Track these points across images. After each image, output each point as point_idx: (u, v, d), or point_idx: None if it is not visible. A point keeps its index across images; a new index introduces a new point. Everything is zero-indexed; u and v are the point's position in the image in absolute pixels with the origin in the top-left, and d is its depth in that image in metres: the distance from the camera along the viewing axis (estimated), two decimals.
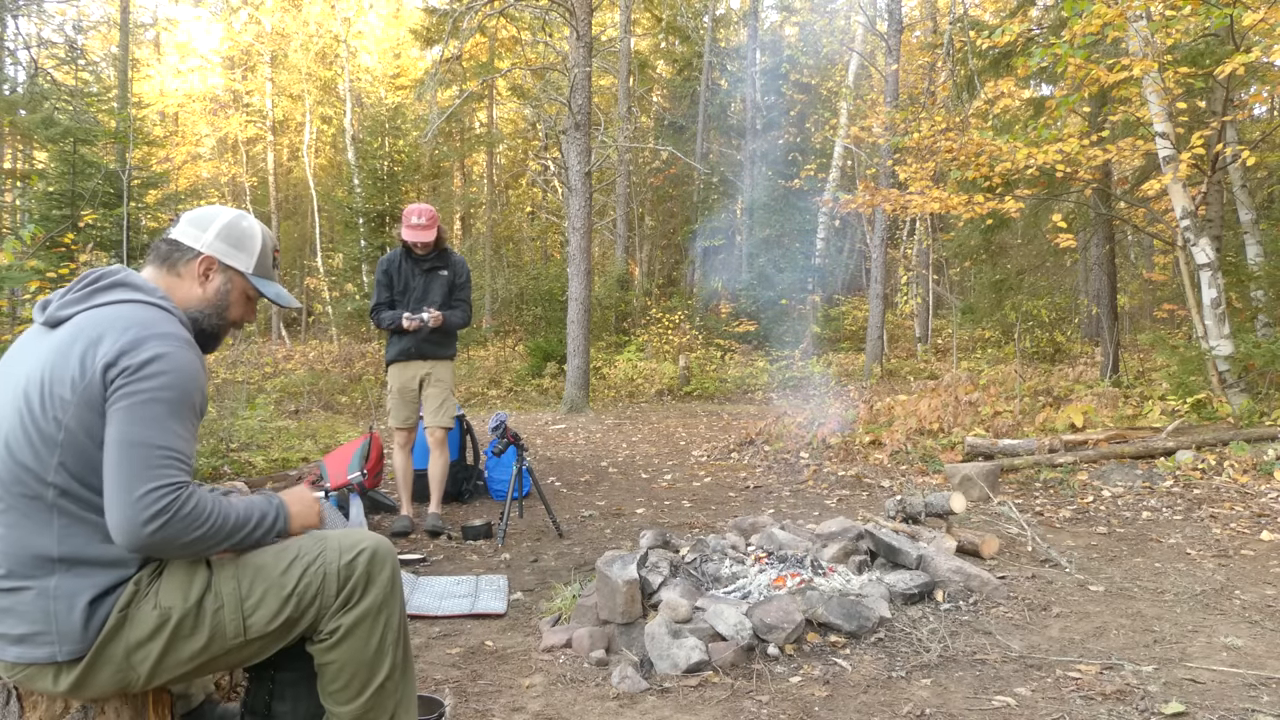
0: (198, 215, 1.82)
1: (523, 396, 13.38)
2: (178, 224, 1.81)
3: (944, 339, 16.82)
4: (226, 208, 1.88)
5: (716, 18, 20.67)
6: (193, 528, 1.51)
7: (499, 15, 15.25)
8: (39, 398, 1.52)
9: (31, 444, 1.51)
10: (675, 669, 2.61)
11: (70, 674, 1.54)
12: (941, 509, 3.93)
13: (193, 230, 1.79)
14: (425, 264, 4.65)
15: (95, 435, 1.51)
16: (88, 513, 1.53)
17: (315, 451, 6.88)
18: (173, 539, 1.49)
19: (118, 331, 1.54)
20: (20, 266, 5.09)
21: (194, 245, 1.78)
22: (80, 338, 1.54)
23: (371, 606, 1.71)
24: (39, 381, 1.53)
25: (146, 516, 1.46)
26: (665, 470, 6.74)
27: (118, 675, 1.57)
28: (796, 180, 18.42)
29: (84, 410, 1.50)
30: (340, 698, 1.73)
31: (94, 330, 1.55)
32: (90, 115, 11.22)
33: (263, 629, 1.64)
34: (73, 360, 1.52)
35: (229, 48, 24.91)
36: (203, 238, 1.79)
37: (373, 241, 20.19)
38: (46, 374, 1.53)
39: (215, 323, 1.82)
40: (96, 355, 1.51)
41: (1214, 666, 2.59)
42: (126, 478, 1.47)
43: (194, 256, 1.78)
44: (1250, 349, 6.89)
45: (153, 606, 1.57)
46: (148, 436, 1.49)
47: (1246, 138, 9.13)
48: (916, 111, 11.53)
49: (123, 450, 1.48)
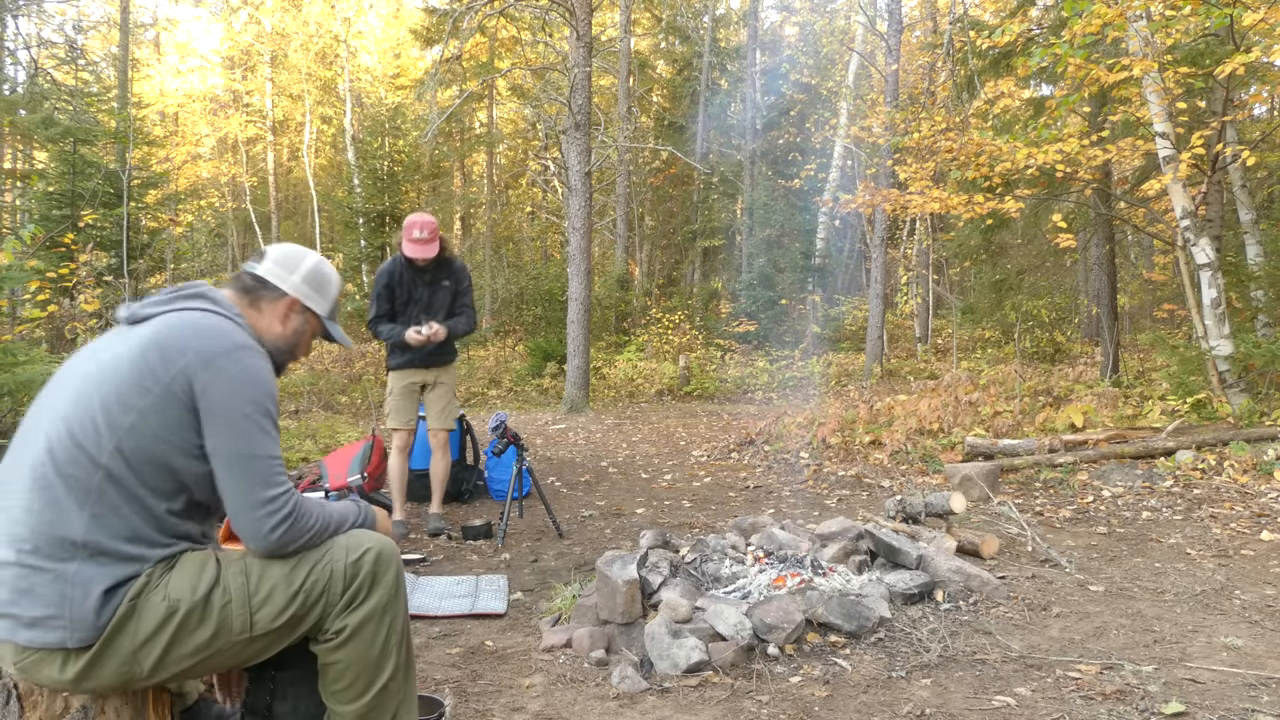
0: (285, 255, 1.91)
1: (523, 396, 13.39)
2: (263, 260, 1.89)
3: (944, 339, 16.81)
4: (310, 250, 1.96)
5: (716, 18, 20.66)
6: (307, 529, 1.66)
7: (499, 15, 15.26)
8: (114, 385, 1.59)
9: (95, 426, 1.57)
10: (675, 669, 2.61)
11: (77, 662, 1.55)
12: (941, 509, 3.93)
13: (280, 270, 1.88)
14: (427, 275, 4.56)
15: (170, 429, 1.60)
16: (124, 503, 1.58)
17: (315, 451, 6.88)
18: (293, 539, 1.64)
19: (203, 337, 1.65)
20: (20, 266, 5.08)
21: (280, 285, 1.87)
22: (163, 335, 1.64)
23: (377, 607, 1.73)
24: (116, 370, 1.61)
25: (273, 523, 1.61)
26: (665, 470, 6.74)
27: (123, 668, 1.58)
28: (796, 180, 18.42)
29: (165, 402, 1.59)
30: (344, 697, 1.74)
31: (178, 331, 1.65)
32: (90, 115, 11.22)
33: (268, 625, 1.66)
34: (155, 355, 1.61)
35: (229, 48, 24.91)
36: (290, 279, 1.88)
37: (373, 241, 20.19)
38: (125, 365, 1.61)
39: (284, 358, 1.92)
40: (183, 355, 1.61)
41: (1214, 666, 2.59)
42: (246, 488, 1.61)
43: (279, 296, 1.87)
44: (1250, 349, 6.89)
45: (162, 598, 1.59)
46: (256, 448, 1.62)
47: (1246, 138, 9.13)
48: (916, 111, 11.52)
49: (238, 463, 1.61)
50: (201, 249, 16.41)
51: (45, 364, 4.95)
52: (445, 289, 4.63)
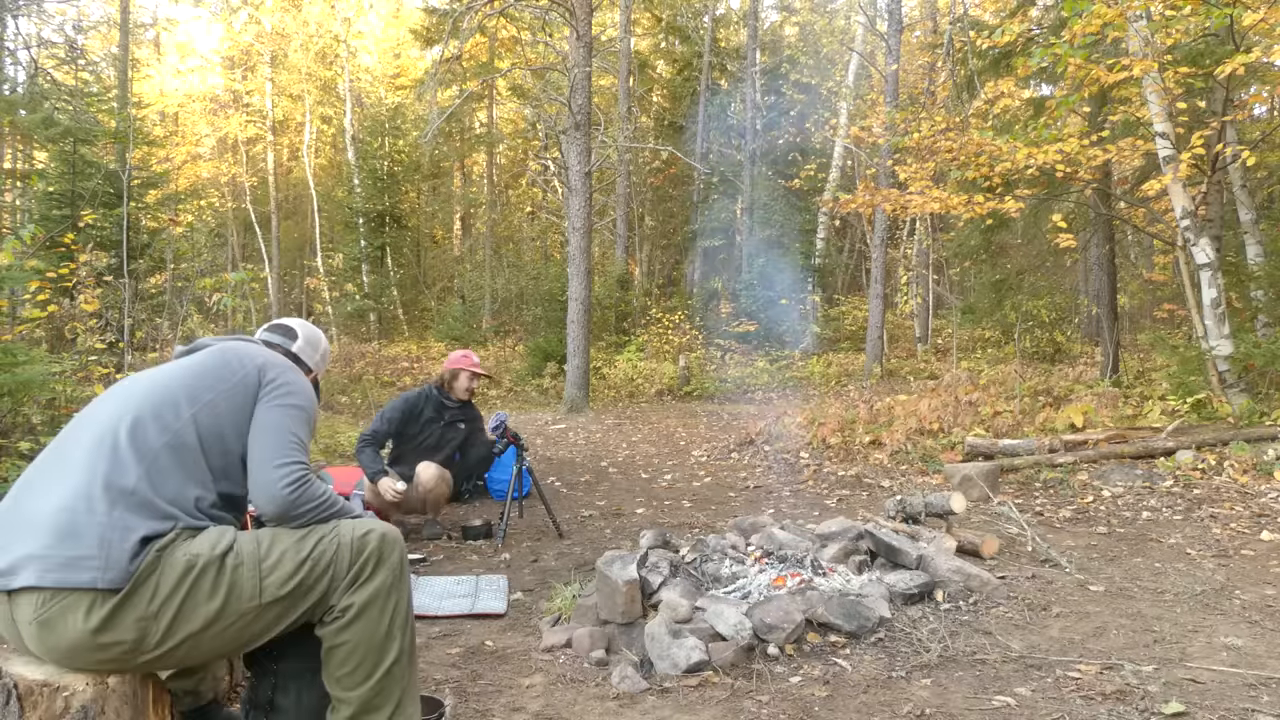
0: (311, 337, 2.36)
1: (523, 396, 13.39)
2: (296, 340, 2.31)
3: (944, 339, 16.79)
4: (314, 328, 2.41)
5: (716, 18, 20.64)
6: (315, 495, 1.83)
7: (499, 15, 15.26)
8: (198, 374, 1.92)
9: (175, 402, 1.83)
10: (675, 669, 2.61)
11: (103, 608, 1.60)
12: (941, 509, 3.93)
13: (309, 350, 2.34)
14: (449, 414, 4.66)
15: (236, 413, 1.87)
16: (177, 469, 1.76)
17: (315, 452, 6.88)
18: (303, 501, 1.80)
19: (267, 353, 2.05)
20: (20, 266, 5.08)
21: (309, 363, 2.33)
22: (236, 346, 2.04)
23: (382, 586, 1.80)
24: (197, 366, 1.94)
25: (287, 482, 1.79)
26: (665, 470, 6.74)
27: (140, 623, 1.62)
28: (796, 180, 18.41)
29: (239, 389, 1.89)
30: (349, 682, 1.77)
31: (246, 346, 2.06)
32: (90, 115, 11.21)
33: (277, 591, 1.72)
34: (232, 356, 1.97)
35: (229, 48, 24.88)
36: (314, 358, 2.36)
37: (372, 241, 20.20)
38: (207, 361, 1.96)
39: None
40: (255, 359, 1.97)
41: (1214, 666, 2.58)
42: (271, 451, 1.82)
43: (307, 371, 2.30)
44: (1250, 349, 6.89)
45: (183, 554, 1.68)
46: (288, 425, 1.88)
47: (1246, 138, 9.13)
48: (916, 111, 11.52)
49: (269, 430, 1.85)
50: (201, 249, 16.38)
51: (45, 364, 4.95)
52: (459, 431, 4.75)
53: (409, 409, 4.58)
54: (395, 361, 16.62)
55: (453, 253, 25.94)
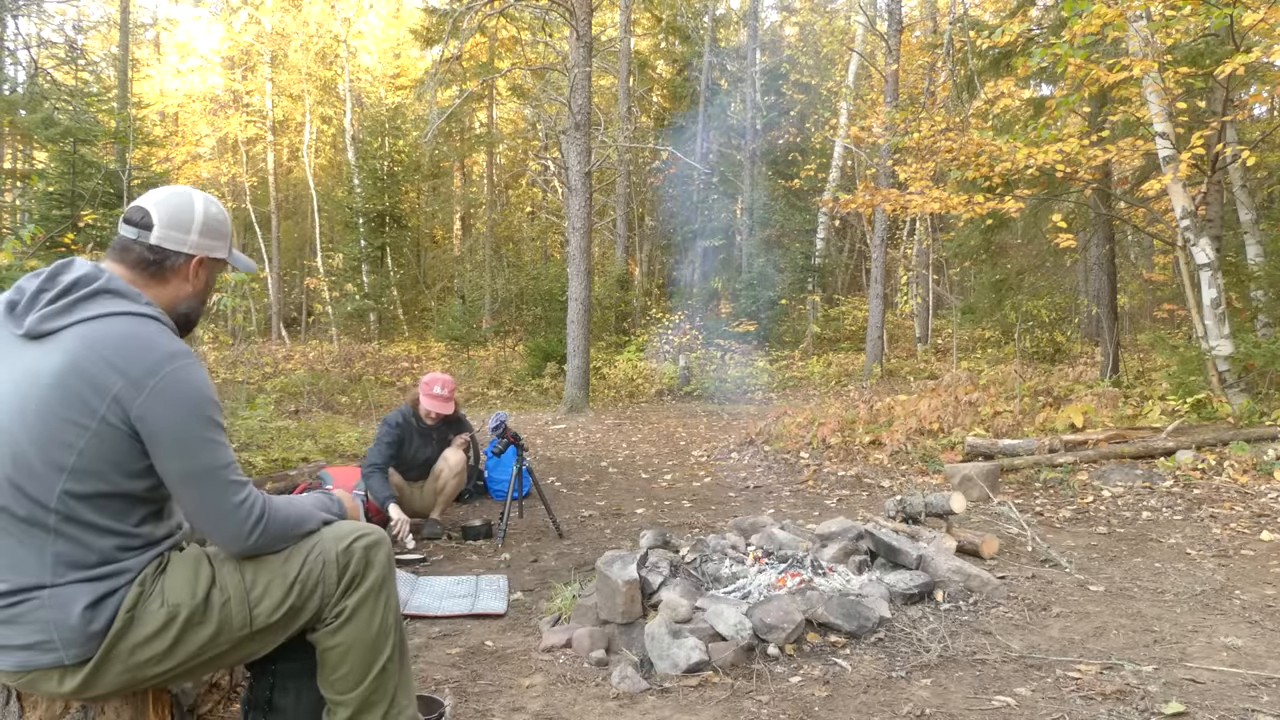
0: (173, 215, 1.72)
1: (523, 396, 13.39)
2: (152, 227, 1.69)
3: (944, 339, 16.80)
4: (191, 194, 1.78)
5: (716, 18, 20.63)
6: (281, 524, 1.66)
7: (499, 15, 15.25)
8: (42, 421, 1.47)
9: (32, 469, 1.48)
10: (675, 669, 2.61)
11: (76, 676, 1.54)
12: (941, 509, 3.93)
13: (176, 234, 1.72)
14: (435, 432, 4.73)
15: (120, 461, 1.51)
16: (84, 534, 1.52)
17: (315, 451, 6.87)
18: (272, 538, 1.65)
19: (126, 356, 1.51)
20: (20, 266, 5.08)
21: (181, 249, 1.72)
22: (82, 359, 1.49)
23: (373, 586, 1.76)
24: (40, 403, 1.47)
25: (249, 526, 1.60)
26: (665, 470, 6.74)
27: (125, 674, 1.57)
28: (796, 180, 18.41)
29: (103, 436, 1.49)
30: (343, 685, 1.75)
31: (96, 352, 1.49)
32: (90, 115, 11.22)
33: (268, 618, 1.67)
34: (79, 384, 1.47)
35: (229, 48, 24.88)
36: (188, 240, 1.73)
37: (372, 241, 20.20)
38: (50, 396, 1.47)
39: (199, 309, 1.83)
40: (111, 383, 1.48)
41: (1214, 666, 2.58)
42: (212, 501, 1.57)
43: (184, 261, 1.73)
44: (1250, 349, 6.89)
45: (160, 605, 1.58)
46: (211, 461, 1.57)
47: (1246, 138, 9.13)
48: (916, 111, 11.51)
49: (196, 480, 1.56)
50: None
51: None
52: (449, 439, 4.81)
53: (398, 432, 4.55)
54: (395, 361, 16.63)
55: (453, 253, 25.94)
